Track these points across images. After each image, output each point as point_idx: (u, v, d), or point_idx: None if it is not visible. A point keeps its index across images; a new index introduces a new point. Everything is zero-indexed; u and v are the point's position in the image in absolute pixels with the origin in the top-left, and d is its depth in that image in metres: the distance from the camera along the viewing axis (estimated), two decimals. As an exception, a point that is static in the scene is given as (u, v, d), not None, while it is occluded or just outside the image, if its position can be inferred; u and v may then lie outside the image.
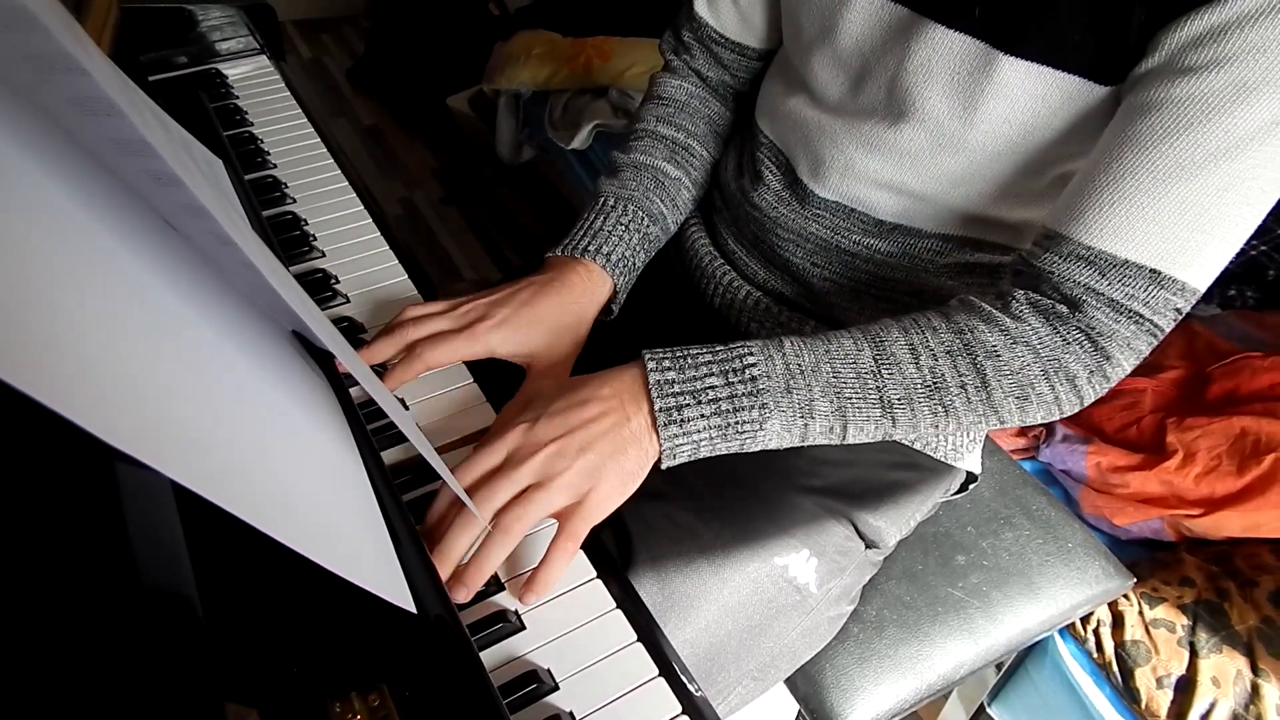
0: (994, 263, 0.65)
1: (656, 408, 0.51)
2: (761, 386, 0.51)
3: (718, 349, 0.53)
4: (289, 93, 0.94)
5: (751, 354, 0.52)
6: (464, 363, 0.64)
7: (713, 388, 0.52)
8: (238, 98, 0.92)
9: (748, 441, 0.52)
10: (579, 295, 0.64)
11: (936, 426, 0.54)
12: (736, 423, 0.51)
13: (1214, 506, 1.02)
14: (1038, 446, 1.18)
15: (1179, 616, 0.95)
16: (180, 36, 0.94)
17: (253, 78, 0.96)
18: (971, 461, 0.74)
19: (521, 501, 0.49)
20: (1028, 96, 0.53)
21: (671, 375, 0.52)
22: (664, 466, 0.53)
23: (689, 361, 0.52)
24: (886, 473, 0.69)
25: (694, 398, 0.51)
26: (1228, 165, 0.46)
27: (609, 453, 0.50)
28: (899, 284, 0.67)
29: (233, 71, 0.96)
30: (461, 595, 0.48)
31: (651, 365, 0.52)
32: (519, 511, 0.49)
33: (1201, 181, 0.47)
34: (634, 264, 0.69)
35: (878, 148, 0.61)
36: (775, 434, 0.52)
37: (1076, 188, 0.52)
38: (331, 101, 2.55)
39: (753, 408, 0.51)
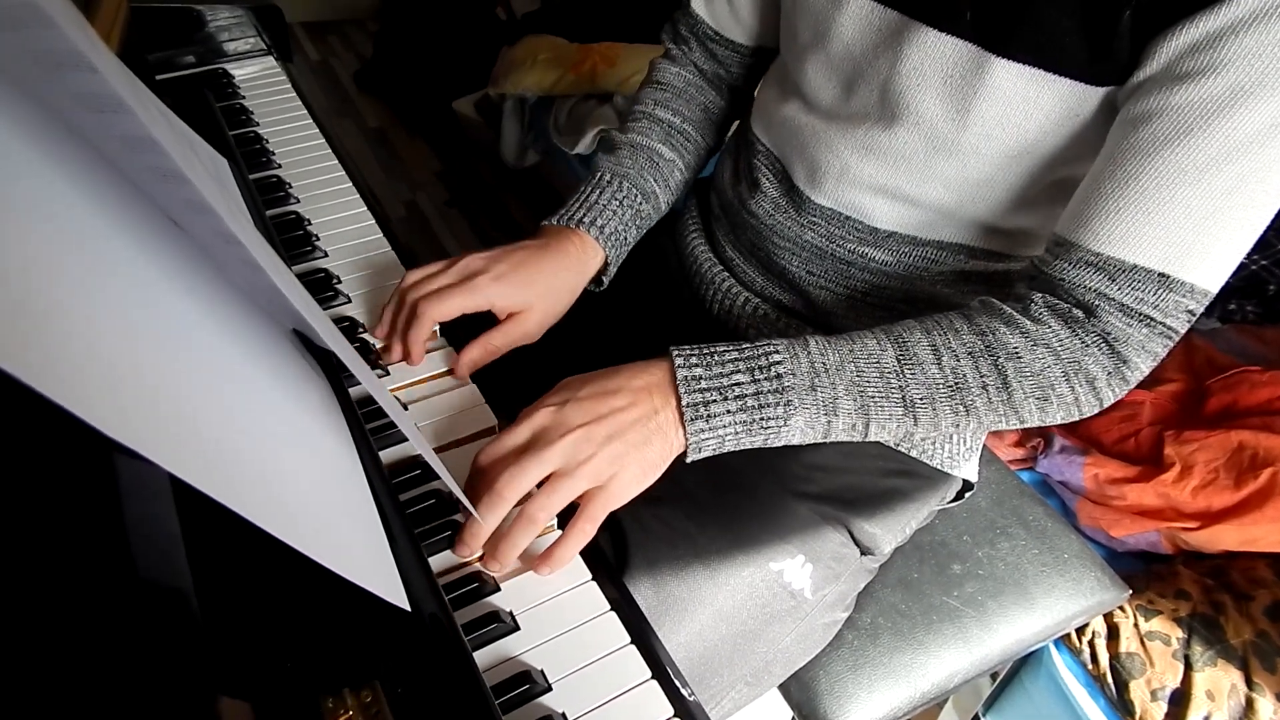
0: (989, 270, 0.65)
1: (684, 403, 0.52)
2: (787, 384, 0.52)
3: (744, 346, 0.54)
4: (295, 94, 0.95)
5: (777, 352, 0.53)
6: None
7: (739, 384, 0.52)
8: (244, 98, 0.92)
9: (772, 437, 0.53)
10: (572, 262, 0.66)
11: (958, 425, 0.55)
12: (761, 419, 0.52)
13: (1211, 520, 1.02)
14: (1035, 457, 1.18)
15: (1174, 629, 0.95)
16: (188, 36, 0.95)
17: (259, 78, 0.97)
18: (968, 470, 0.74)
19: (546, 491, 0.50)
20: (1020, 99, 0.54)
21: (699, 371, 0.53)
22: (689, 460, 0.54)
23: (716, 359, 0.53)
24: (882, 480, 0.69)
25: (720, 394, 0.52)
26: (1230, 168, 0.47)
27: (635, 442, 0.51)
28: (895, 293, 0.68)
29: (240, 72, 0.97)
30: (495, 569, 0.51)
31: (679, 361, 0.53)
32: (543, 501, 0.50)
33: (1205, 185, 0.48)
34: (625, 238, 0.71)
35: (872, 151, 0.62)
36: (799, 430, 0.53)
37: (1083, 195, 0.53)
38: (338, 103, 2.56)
39: (778, 404, 0.52)
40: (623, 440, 0.51)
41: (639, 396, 0.52)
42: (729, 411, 0.52)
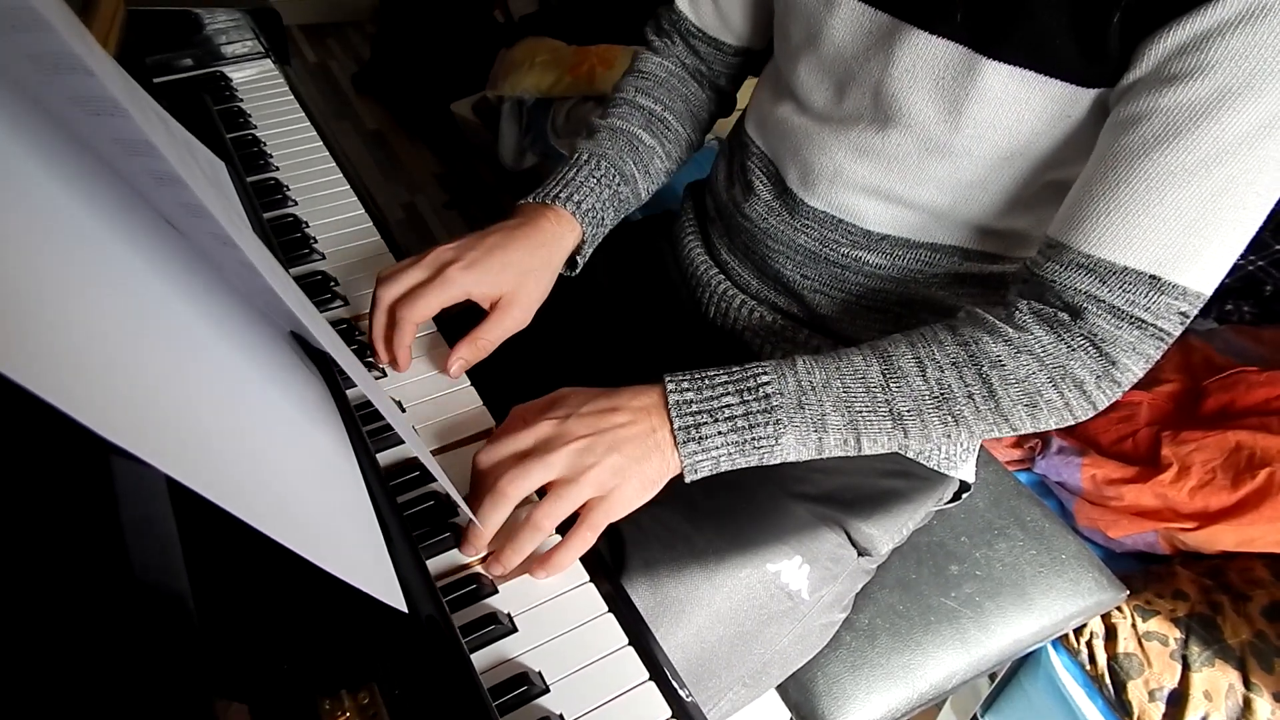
0: (984, 272, 0.66)
1: (675, 426, 0.53)
2: (775, 404, 0.54)
3: (733, 370, 0.55)
4: (293, 96, 0.95)
5: (765, 373, 0.55)
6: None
7: (729, 406, 0.54)
8: (241, 101, 0.93)
9: (765, 455, 0.55)
10: (548, 239, 0.66)
11: (949, 435, 0.56)
12: (753, 439, 0.54)
13: (1208, 520, 1.02)
14: (1033, 458, 1.18)
15: (1172, 629, 0.95)
16: (186, 39, 0.95)
17: (257, 81, 0.97)
18: (965, 471, 0.74)
19: (551, 499, 0.51)
20: (1012, 100, 0.54)
21: (690, 395, 0.54)
22: (686, 480, 0.55)
23: (706, 382, 0.55)
24: (879, 480, 0.69)
25: (711, 416, 0.54)
26: (1219, 170, 0.47)
27: (635, 456, 0.53)
28: (890, 296, 0.68)
29: (237, 75, 0.97)
30: (498, 570, 0.51)
31: (671, 386, 0.55)
32: (549, 509, 0.51)
33: (1195, 187, 0.48)
34: (603, 218, 0.70)
35: (865, 153, 0.62)
36: (791, 448, 0.54)
37: (1075, 197, 0.53)
38: (336, 105, 2.56)
39: (767, 424, 0.54)
40: (623, 454, 0.52)
41: (638, 415, 0.54)
42: (720, 433, 0.53)
